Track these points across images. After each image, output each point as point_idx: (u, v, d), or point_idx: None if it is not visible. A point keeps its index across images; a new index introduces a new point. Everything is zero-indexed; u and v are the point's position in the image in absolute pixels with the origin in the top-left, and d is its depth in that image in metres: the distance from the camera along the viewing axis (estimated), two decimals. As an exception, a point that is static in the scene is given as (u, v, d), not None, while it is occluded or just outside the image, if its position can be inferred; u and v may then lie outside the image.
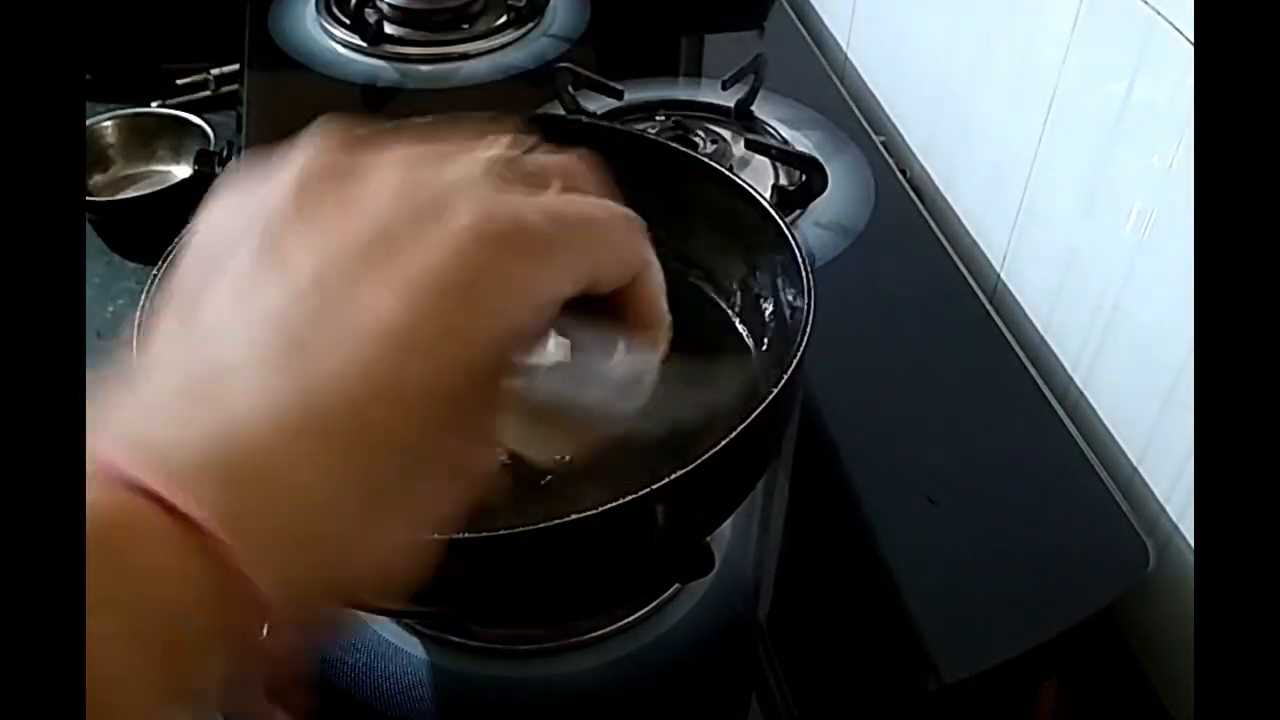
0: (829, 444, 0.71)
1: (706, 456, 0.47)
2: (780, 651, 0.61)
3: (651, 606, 0.60)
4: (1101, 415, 0.75)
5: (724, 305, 0.65)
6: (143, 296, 0.54)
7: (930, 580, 0.63)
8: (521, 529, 0.45)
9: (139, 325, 0.50)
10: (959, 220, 0.92)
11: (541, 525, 0.45)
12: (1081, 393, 0.77)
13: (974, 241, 0.90)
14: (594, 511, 0.45)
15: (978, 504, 0.68)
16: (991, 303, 0.81)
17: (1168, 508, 0.69)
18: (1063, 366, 0.79)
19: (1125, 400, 0.73)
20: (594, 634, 0.59)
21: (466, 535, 0.45)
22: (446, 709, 0.57)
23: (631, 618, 0.60)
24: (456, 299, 0.27)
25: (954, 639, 0.61)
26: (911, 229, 0.87)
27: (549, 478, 0.51)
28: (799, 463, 0.70)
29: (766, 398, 0.49)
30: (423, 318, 0.27)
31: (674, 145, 0.67)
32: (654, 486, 0.46)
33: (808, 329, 0.53)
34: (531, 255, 0.29)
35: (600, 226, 0.31)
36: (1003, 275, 0.86)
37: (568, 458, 0.33)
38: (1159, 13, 0.65)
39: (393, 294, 0.27)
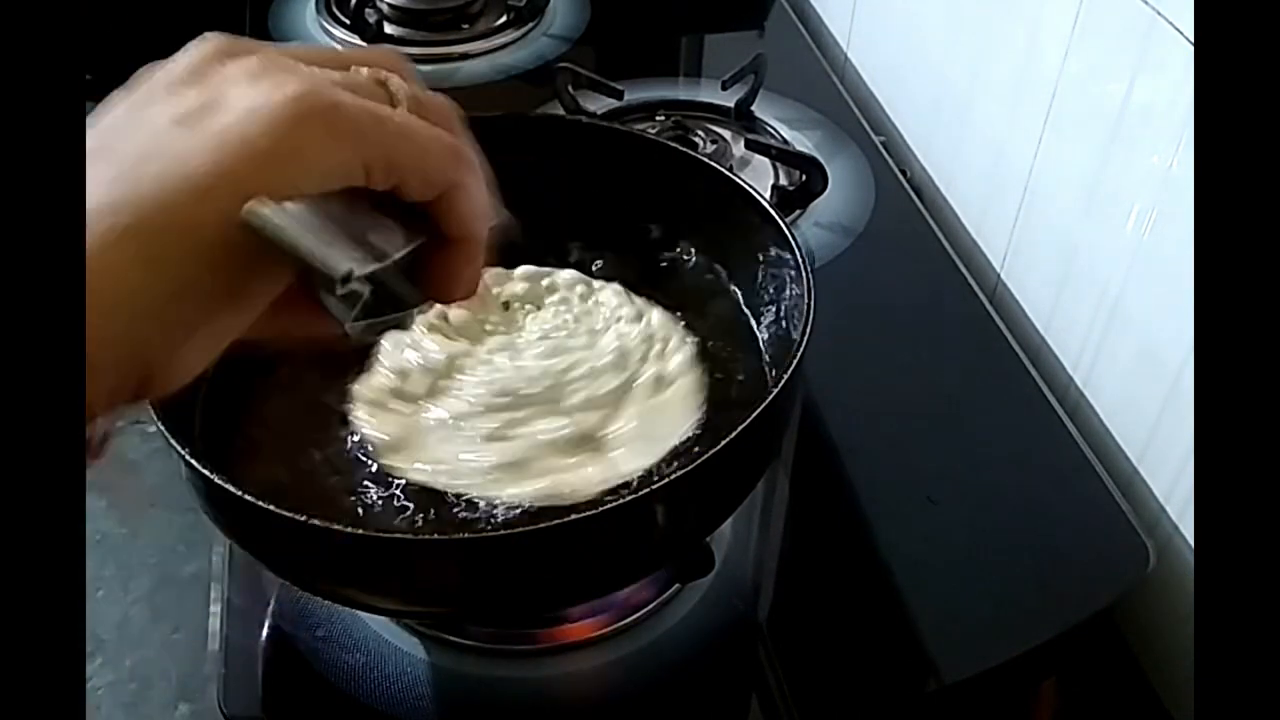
0: (829, 444, 0.71)
1: (706, 456, 0.47)
2: (780, 651, 0.61)
3: (651, 607, 0.60)
4: (1101, 415, 0.75)
5: (736, 299, 0.65)
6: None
7: (930, 580, 0.63)
8: (522, 529, 0.45)
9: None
10: (959, 220, 0.92)
11: (542, 526, 0.45)
12: (1081, 393, 0.77)
13: (974, 241, 0.90)
14: (594, 512, 0.45)
15: (978, 504, 0.68)
16: (991, 303, 0.81)
17: (1168, 508, 0.69)
18: (1063, 366, 0.79)
19: (1125, 400, 0.73)
20: (594, 634, 0.59)
21: (466, 536, 0.45)
22: (446, 709, 0.57)
23: (631, 618, 0.60)
24: (254, 160, 0.31)
25: (954, 639, 0.61)
26: (911, 229, 0.87)
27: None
28: (799, 463, 0.70)
29: (766, 398, 0.49)
30: (221, 171, 0.31)
31: (674, 145, 0.67)
32: (654, 486, 0.46)
33: (808, 329, 0.53)
34: (335, 135, 0.32)
35: (415, 138, 0.34)
36: (1003, 275, 0.86)
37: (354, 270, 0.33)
38: (1159, 13, 0.65)
39: (203, 146, 0.31)
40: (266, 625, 0.60)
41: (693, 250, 0.67)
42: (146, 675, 0.72)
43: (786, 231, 0.58)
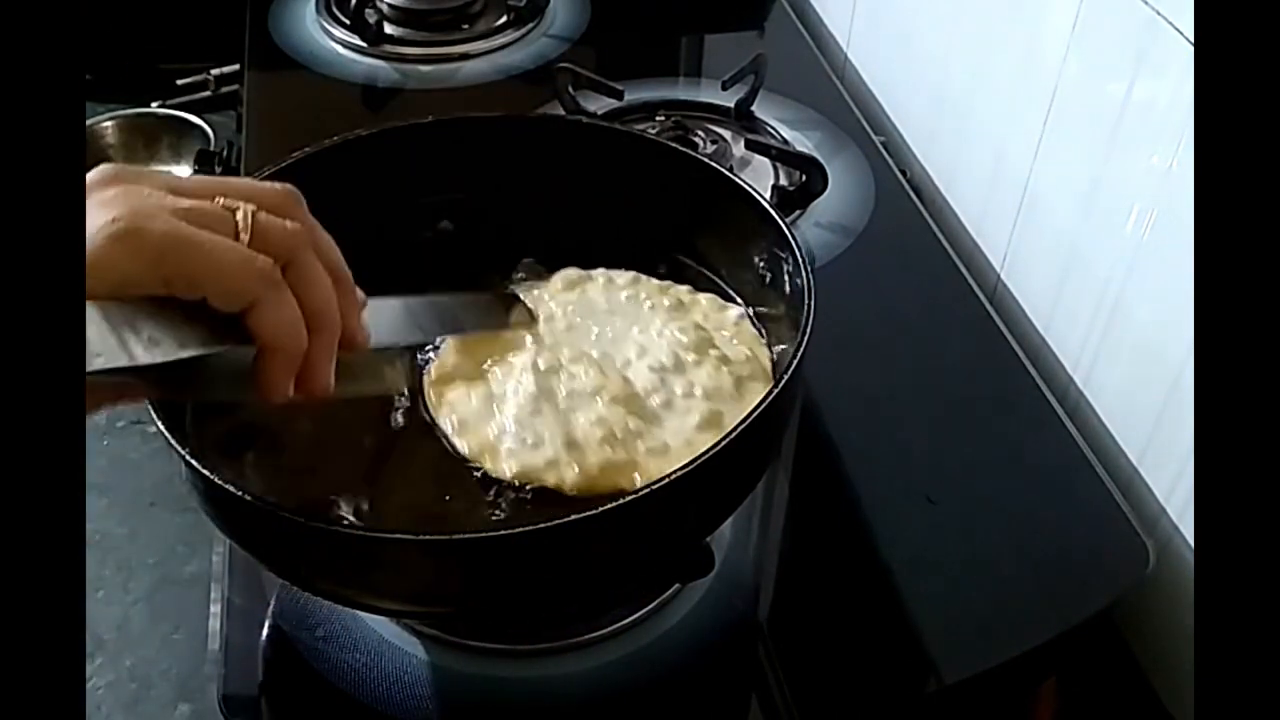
0: (829, 444, 0.71)
1: (706, 456, 0.47)
2: (780, 651, 0.61)
3: (651, 607, 0.60)
4: (1101, 415, 0.75)
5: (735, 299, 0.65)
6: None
7: (930, 580, 0.63)
8: (521, 529, 0.45)
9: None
10: (959, 220, 0.92)
11: (542, 526, 0.45)
12: (1081, 393, 0.77)
13: (974, 242, 0.90)
14: (594, 512, 0.45)
15: (977, 504, 0.68)
16: (991, 303, 0.81)
17: (1168, 508, 0.69)
18: (1063, 366, 0.79)
19: (1125, 400, 0.73)
20: (594, 634, 0.59)
21: (467, 535, 0.45)
22: (446, 709, 0.57)
23: (632, 618, 0.60)
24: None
25: (954, 639, 0.61)
26: (911, 229, 0.87)
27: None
28: (799, 463, 0.70)
29: (767, 397, 0.49)
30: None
31: (674, 145, 0.67)
32: (654, 486, 0.46)
33: (808, 329, 0.53)
34: (132, 254, 0.38)
35: (217, 259, 0.40)
36: (1003, 275, 0.86)
37: None
38: (1159, 13, 0.65)
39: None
40: (266, 625, 0.60)
41: (692, 250, 0.66)
42: (146, 675, 0.72)
43: (787, 232, 0.58)
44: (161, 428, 0.47)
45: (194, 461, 0.46)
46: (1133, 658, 0.70)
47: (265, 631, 0.60)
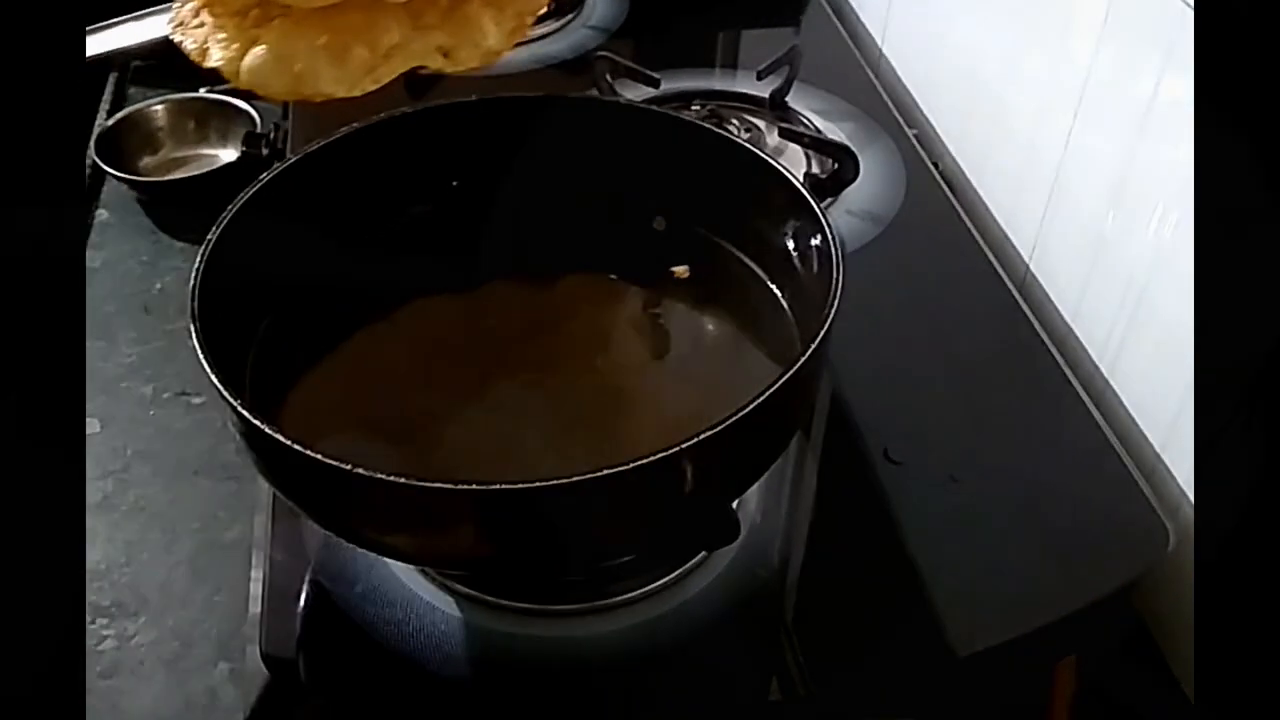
0: (856, 426, 0.72)
1: (734, 418, 0.48)
2: (800, 622, 0.62)
3: (678, 573, 0.62)
4: (1126, 403, 0.76)
5: (761, 279, 0.66)
6: (192, 274, 0.56)
7: (951, 556, 0.64)
8: (551, 481, 0.47)
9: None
10: (989, 211, 0.93)
11: (570, 479, 0.47)
12: (1107, 381, 0.78)
13: (1003, 232, 0.91)
14: (625, 467, 0.47)
15: (1002, 485, 0.68)
16: (1020, 291, 0.82)
17: (1189, 494, 0.69)
18: (1089, 354, 0.80)
19: (1150, 389, 0.74)
20: (622, 597, 0.61)
21: (499, 486, 0.47)
22: (475, 663, 0.59)
23: (659, 583, 0.61)
24: None
25: (972, 613, 0.62)
26: (942, 219, 0.88)
27: None
28: (827, 443, 0.71)
29: (795, 363, 0.51)
30: None
31: (708, 126, 0.68)
32: (683, 444, 0.48)
33: (836, 297, 0.54)
34: None
35: None
36: (1031, 265, 0.87)
37: None
38: (1189, 7, 0.66)
39: None
40: (306, 580, 0.62)
41: (723, 229, 0.68)
42: (188, 634, 0.74)
43: (815, 207, 0.60)
44: (214, 379, 0.49)
45: (238, 404, 0.47)
46: (1155, 645, 0.71)
47: (305, 586, 0.62)
